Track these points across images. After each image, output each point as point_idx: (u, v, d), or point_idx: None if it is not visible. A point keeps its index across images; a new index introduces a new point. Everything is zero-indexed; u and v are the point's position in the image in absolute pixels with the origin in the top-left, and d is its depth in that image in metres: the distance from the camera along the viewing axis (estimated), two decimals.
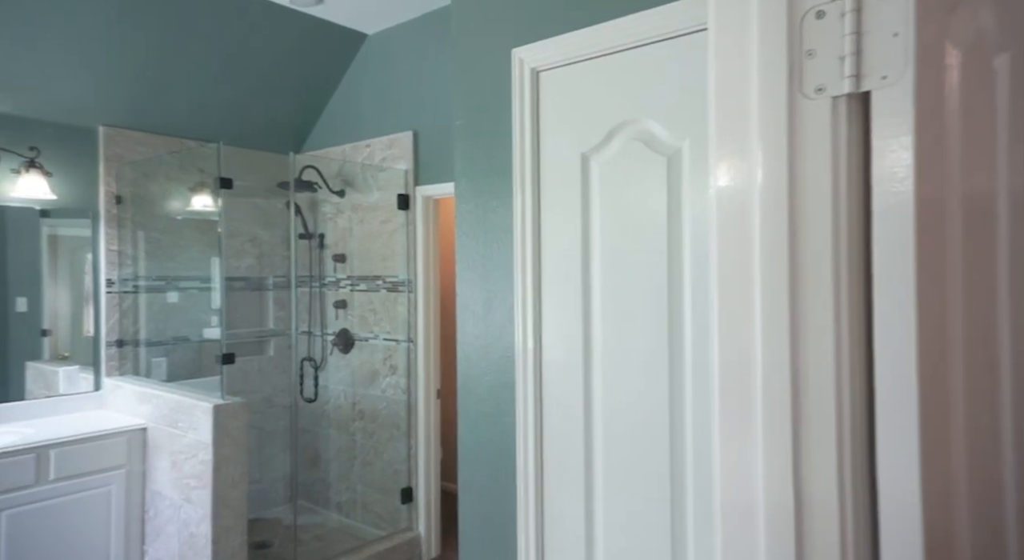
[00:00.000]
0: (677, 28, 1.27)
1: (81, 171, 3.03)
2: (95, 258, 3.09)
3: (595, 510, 1.44)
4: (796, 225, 0.65)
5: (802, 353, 0.64)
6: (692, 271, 1.29)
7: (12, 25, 2.53)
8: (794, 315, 0.65)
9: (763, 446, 0.68)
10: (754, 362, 0.71)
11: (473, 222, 1.65)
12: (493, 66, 1.59)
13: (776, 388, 0.67)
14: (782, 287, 0.66)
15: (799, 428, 0.65)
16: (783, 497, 0.65)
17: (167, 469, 2.70)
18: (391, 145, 3.30)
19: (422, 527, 3.27)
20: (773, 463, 0.67)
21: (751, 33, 0.64)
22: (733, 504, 0.74)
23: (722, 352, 0.84)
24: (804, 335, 0.64)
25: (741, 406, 0.74)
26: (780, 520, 0.65)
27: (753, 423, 0.71)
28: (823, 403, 0.63)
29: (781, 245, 0.66)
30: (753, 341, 0.71)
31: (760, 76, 0.64)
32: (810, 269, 0.64)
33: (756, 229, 0.69)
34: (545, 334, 1.51)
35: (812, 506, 0.63)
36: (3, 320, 2.85)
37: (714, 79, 0.72)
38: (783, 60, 0.62)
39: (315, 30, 3.19)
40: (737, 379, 0.76)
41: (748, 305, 0.72)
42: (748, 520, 0.70)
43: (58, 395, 2.98)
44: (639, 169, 1.36)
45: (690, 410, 1.29)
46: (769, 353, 0.67)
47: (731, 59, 0.67)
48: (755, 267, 0.70)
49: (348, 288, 3.55)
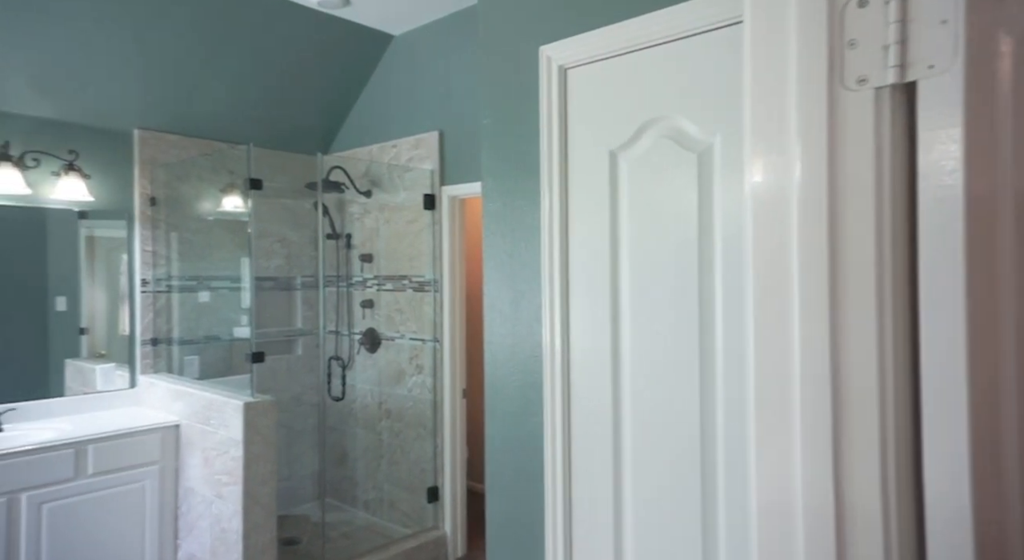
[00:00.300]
0: (708, 23, 1.25)
1: (117, 173, 3.11)
2: (130, 258, 3.17)
3: (624, 511, 1.43)
4: (837, 221, 0.63)
5: (843, 353, 0.63)
6: (723, 270, 1.27)
7: (53, 32, 2.60)
8: (835, 315, 0.63)
9: (802, 447, 0.67)
10: (792, 362, 0.69)
11: (500, 221, 1.65)
12: (520, 64, 1.59)
13: (816, 388, 0.65)
14: (822, 286, 0.64)
15: (839, 429, 0.63)
16: (823, 499, 0.64)
17: (199, 465, 2.75)
18: (417, 145, 3.32)
19: (448, 526, 3.28)
20: (812, 465, 0.65)
21: (789, 24, 0.62)
22: (770, 506, 0.72)
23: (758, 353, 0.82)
24: (845, 335, 0.62)
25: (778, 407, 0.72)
26: (819, 523, 0.64)
27: (791, 424, 0.69)
28: (865, 403, 0.61)
29: (821, 242, 0.64)
30: (791, 341, 0.69)
31: (799, 68, 0.62)
32: (852, 267, 0.62)
33: (794, 226, 0.68)
34: (573, 334, 1.50)
35: (853, 509, 0.61)
36: (44, 319, 2.94)
37: (750, 72, 0.70)
38: (823, 51, 0.60)
39: (342, 32, 3.22)
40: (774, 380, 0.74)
41: (786, 305, 0.70)
42: (786, 523, 0.68)
43: (95, 392, 3.06)
44: (669, 166, 1.34)
45: (721, 411, 1.27)
46: (808, 353, 0.65)
47: (768, 51, 0.65)
48: (793, 265, 0.68)
49: (375, 288, 3.58)
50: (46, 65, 2.70)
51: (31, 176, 2.81)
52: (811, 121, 0.63)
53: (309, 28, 3.12)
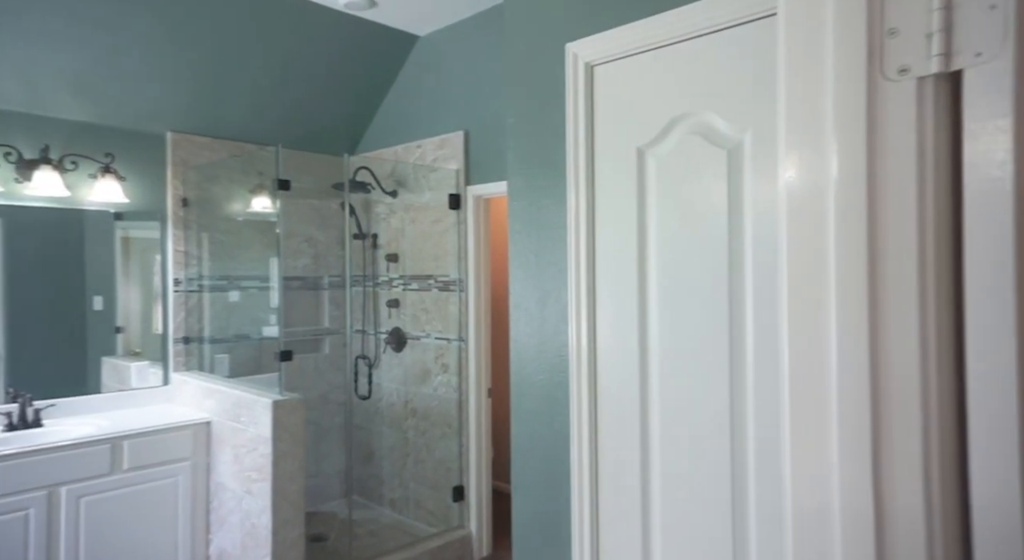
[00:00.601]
0: (740, 16, 1.23)
1: (151, 175, 3.18)
2: (163, 258, 3.24)
3: (651, 513, 1.41)
4: (876, 216, 0.61)
5: (883, 352, 0.61)
6: (754, 269, 1.24)
7: (92, 38, 2.67)
8: (874, 313, 0.61)
9: (839, 449, 0.65)
10: (828, 361, 0.67)
11: (526, 220, 1.64)
12: (546, 62, 1.58)
13: (854, 387, 0.63)
14: (860, 283, 0.62)
15: (879, 430, 0.61)
16: (862, 504, 0.62)
17: (230, 462, 2.80)
18: (442, 145, 3.34)
19: (474, 525, 3.28)
20: (850, 467, 0.63)
21: (826, 13, 0.61)
22: (805, 511, 0.71)
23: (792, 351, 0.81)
24: (885, 334, 0.60)
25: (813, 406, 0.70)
26: (858, 530, 0.62)
27: (827, 424, 0.67)
28: (907, 404, 0.59)
29: (859, 239, 0.62)
30: (827, 339, 0.67)
31: (836, 58, 0.60)
32: (892, 263, 0.60)
33: (830, 222, 0.66)
34: (600, 333, 1.49)
35: (894, 513, 0.59)
36: (82, 317, 3.02)
37: (784, 64, 0.69)
38: (862, 40, 0.58)
39: (368, 33, 3.25)
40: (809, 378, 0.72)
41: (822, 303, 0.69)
42: (822, 529, 0.66)
43: (130, 389, 3.14)
44: (698, 163, 1.32)
45: (752, 411, 1.25)
46: (846, 352, 0.63)
47: (803, 42, 0.64)
48: (829, 263, 0.66)
49: (400, 287, 3.60)
50: (85, 70, 2.78)
51: (69, 179, 2.89)
52: (849, 113, 0.61)
53: (336, 30, 3.15)
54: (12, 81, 2.68)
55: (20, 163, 2.77)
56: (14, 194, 2.79)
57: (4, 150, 2.74)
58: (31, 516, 2.43)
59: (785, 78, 0.66)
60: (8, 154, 2.75)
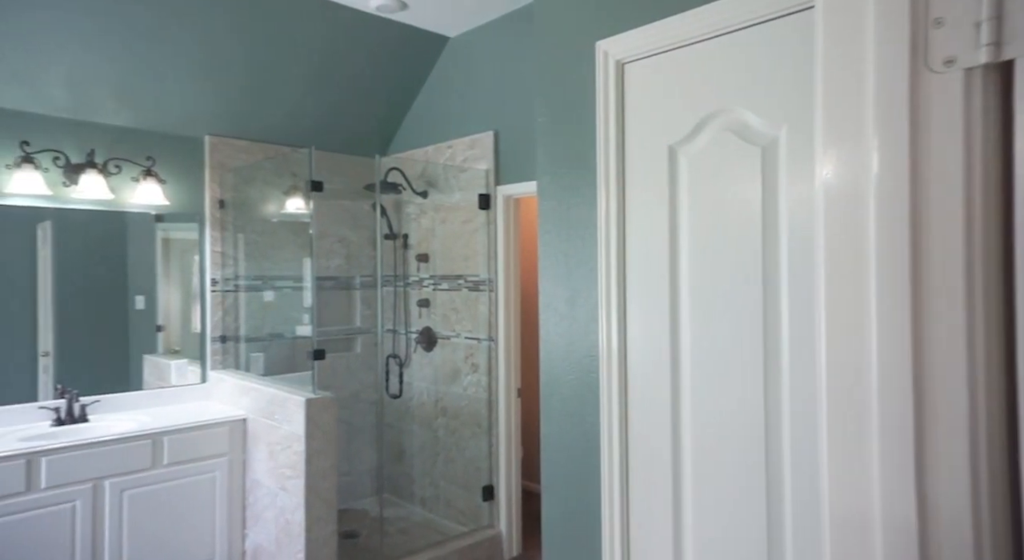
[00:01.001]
0: (774, 10, 1.20)
1: (189, 178, 3.27)
2: (201, 259, 3.33)
3: (683, 517, 1.39)
4: (919, 214, 0.59)
5: (927, 355, 0.58)
6: (790, 268, 1.21)
7: (136, 46, 2.76)
8: (917, 314, 0.59)
9: (880, 455, 0.63)
10: (868, 363, 0.65)
11: (556, 219, 1.63)
12: (576, 61, 1.57)
13: (896, 391, 0.61)
14: (903, 284, 0.60)
15: (923, 434, 0.59)
16: (905, 513, 0.59)
17: (264, 458, 2.86)
18: (472, 145, 3.35)
19: (503, 525, 3.29)
20: (892, 473, 0.61)
21: (867, 3, 0.59)
22: (845, 520, 0.68)
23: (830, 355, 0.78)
24: (930, 336, 0.58)
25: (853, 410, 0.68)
26: (901, 540, 0.60)
27: (867, 430, 0.65)
28: (953, 406, 0.57)
29: (901, 238, 0.60)
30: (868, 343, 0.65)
31: (877, 50, 0.58)
32: (937, 264, 0.58)
33: (871, 221, 0.64)
34: (630, 333, 1.48)
35: (939, 521, 0.57)
36: (125, 316, 3.12)
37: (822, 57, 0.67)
38: (905, 30, 0.56)
39: (399, 35, 3.28)
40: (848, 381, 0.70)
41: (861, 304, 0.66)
42: (863, 538, 0.64)
43: (170, 386, 3.23)
44: (731, 161, 1.29)
45: (788, 414, 1.22)
46: (888, 356, 0.61)
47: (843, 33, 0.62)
48: (870, 263, 0.64)
49: (431, 287, 3.63)
50: (128, 77, 2.87)
51: (113, 182, 2.99)
52: (891, 107, 0.59)
53: (368, 33, 3.19)
54: (61, 89, 2.79)
55: (68, 167, 2.88)
56: (62, 197, 2.89)
57: (53, 155, 2.84)
58: (78, 508, 2.52)
59: (823, 71, 0.64)
60: (57, 158, 2.86)
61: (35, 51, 2.61)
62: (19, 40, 2.55)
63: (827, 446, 0.68)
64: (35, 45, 2.59)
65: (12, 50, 2.57)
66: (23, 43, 2.56)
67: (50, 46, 2.62)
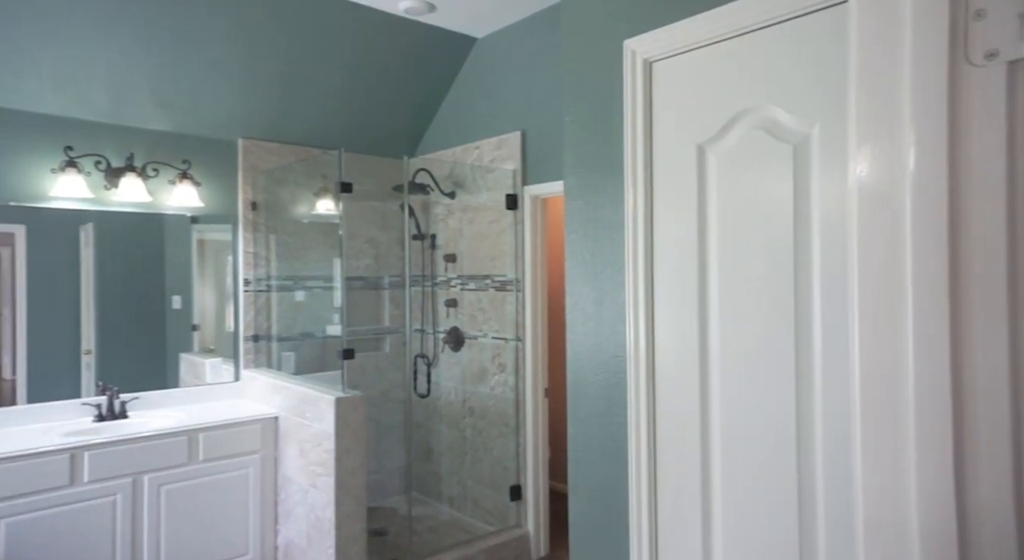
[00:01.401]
0: (805, 5, 1.17)
1: (223, 180, 3.35)
2: (235, 260, 3.40)
3: (712, 518, 1.37)
4: (959, 212, 0.57)
5: (968, 355, 0.57)
6: (822, 268, 1.19)
7: (173, 51, 2.83)
8: (956, 317, 0.57)
9: (917, 457, 0.61)
10: (904, 364, 0.63)
11: (583, 219, 1.63)
12: (604, 60, 1.56)
13: (934, 396, 0.59)
14: (941, 286, 0.58)
15: (963, 436, 0.57)
16: (943, 517, 0.58)
17: (295, 456, 2.91)
18: (499, 146, 3.35)
19: (531, 525, 3.29)
20: (930, 478, 0.59)
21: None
22: (879, 523, 0.67)
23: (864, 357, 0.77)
24: (970, 335, 0.56)
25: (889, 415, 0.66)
26: (940, 542, 0.58)
27: (903, 434, 0.63)
28: (995, 411, 0.55)
29: (939, 237, 0.58)
30: (903, 341, 0.63)
31: (914, 44, 0.57)
32: (978, 262, 0.56)
33: (907, 219, 0.62)
34: (658, 333, 1.46)
35: (981, 527, 0.55)
36: (163, 316, 3.21)
37: (855, 52, 0.65)
38: (943, 23, 0.55)
39: (428, 37, 3.31)
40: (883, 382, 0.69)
41: (897, 304, 0.65)
42: (898, 543, 0.63)
43: (205, 384, 3.31)
44: (761, 159, 1.27)
45: (820, 418, 1.19)
46: (925, 354, 0.59)
47: (878, 27, 0.60)
48: (906, 264, 0.63)
49: (458, 287, 3.64)
50: (166, 83, 2.95)
51: (151, 185, 3.08)
52: (929, 102, 0.57)
53: (396, 36, 3.22)
54: (103, 95, 2.88)
55: (108, 171, 2.97)
56: (103, 200, 2.99)
57: (95, 159, 2.94)
58: (118, 501, 2.60)
59: (857, 66, 0.63)
60: (98, 162, 2.95)
61: (78, 60, 2.70)
62: (63, 49, 2.64)
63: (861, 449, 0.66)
64: (78, 54, 2.68)
65: (56, 59, 2.66)
66: (67, 52, 2.65)
67: (92, 55, 2.70)
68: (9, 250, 2.81)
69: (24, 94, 2.74)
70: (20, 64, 2.63)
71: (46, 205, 2.85)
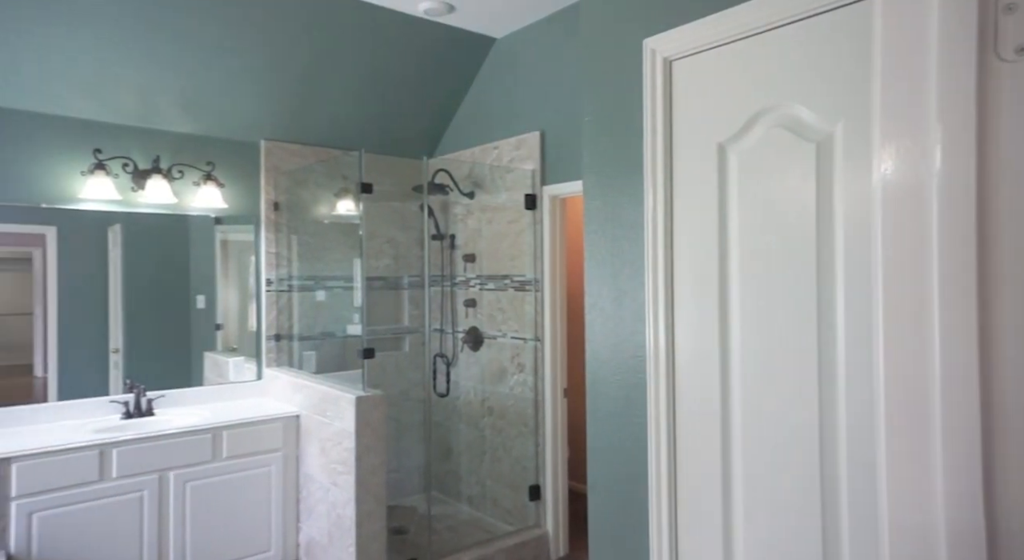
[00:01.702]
0: (825, 3, 1.16)
1: (246, 181, 3.40)
2: (257, 260, 3.45)
3: (733, 520, 1.36)
4: (987, 211, 0.56)
5: (997, 356, 0.55)
6: (845, 268, 1.17)
7: (197, 59, 2.88)
8: (985, 318, 0.56)
9: (944, 463, 0.60)
10: (931, 365, 0.62)
11: (602, 219, 1.62)
12: (623, 59, 1.56)
13: (961, 398, 0.58)
14: (969, 284, 0.57)
15: (991, 438, 0.56)
16: (971, 522, 0.57)
17: (317, 454, 2.94)
18: (518, 146, 3.36)
19: (550, 525, 3.28)
20: (958, 481, 0.58)
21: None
22: (905, 528, 0.66)
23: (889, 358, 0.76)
24: (999, 337, 0.55)
25: (915, 417, 0.65)
26: (968, 545, 0.57)
27: (930, 435, 0.62)
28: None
29: (967, 236, 0.57)
30: (929, 345, 0.62)
31: (941, 38, 0.56)
32: (1007, 262, 0.55)
33: (933, 219, 0.61)
34: (678, 334, 1.45)
35: (1011, 530, 0.54)
36: (187, 315, 3.27)
37: (880, 47, 0.64)
38: (972, 17, 0.54)
39: (447, 38, 3.32)
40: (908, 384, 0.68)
41: (922, 305, 0.64)
42: (925, 545, 0.62)
43: (228, 382, 3.36)
44: (783, 158, 1.26)
45: (843, 418, 1.18)
46: (952, 357, 0.58)
47: (904, 21, 0.59)
48: (932, 262, 0.62)
49: (477, 287, 3.65)
50: (191, 87, 3.01)
51: (176, 186, 3.14)
52: (956, 98, 0.56)
53: (416, 37, 3.24)
54: (130, 99, 2.94)
55: (135, 173, 3.04)
56: (131, 202, 3.05)
57: (122, 161, 3.01)
58: (145, 497, 2.65)
59: (881, 62, 0.62)
60: (126, 165, 3.02)
61: (106, 64, 2.76)
62: (91, 55, 2.70)
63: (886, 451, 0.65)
64: (106, 59, 2.74)
65: (85, 64, 2.72)
66: (95, 58, 2.71)
67: (120, 60, 2.76)
68: (40, 251, 2.89)
69: (55, 99, 2.81)
70: (52, 70, 2.69)
71: (76, 207, 2.92)
